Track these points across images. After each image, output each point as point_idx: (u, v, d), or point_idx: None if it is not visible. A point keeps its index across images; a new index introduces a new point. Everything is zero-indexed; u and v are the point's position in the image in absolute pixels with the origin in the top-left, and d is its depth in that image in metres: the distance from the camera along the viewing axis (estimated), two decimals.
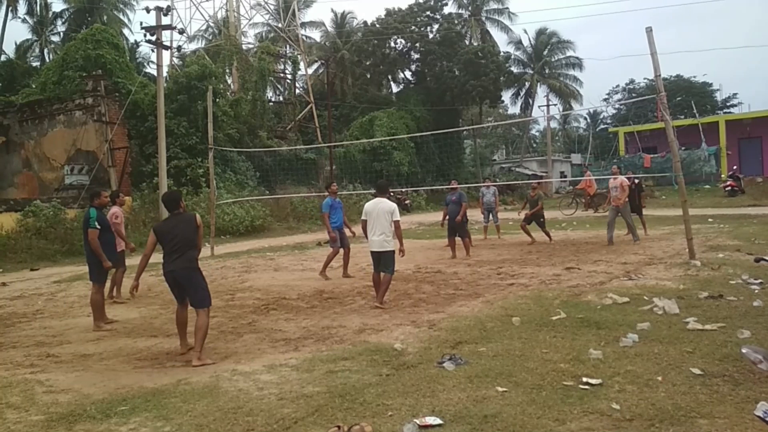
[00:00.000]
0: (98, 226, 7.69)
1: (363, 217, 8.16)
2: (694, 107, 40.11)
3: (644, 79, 55.02)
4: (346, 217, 11.32)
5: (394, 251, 8.04)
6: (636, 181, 15.78)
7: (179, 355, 6.06)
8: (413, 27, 40.70)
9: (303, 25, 43.59)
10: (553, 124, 63.62)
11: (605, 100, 60.83)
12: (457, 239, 13.03)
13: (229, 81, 33.86)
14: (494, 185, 17.68)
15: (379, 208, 7.98)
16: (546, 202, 25.72)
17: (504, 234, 16.82)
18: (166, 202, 6.33)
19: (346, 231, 11.10)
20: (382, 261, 8.03)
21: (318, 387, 4.67)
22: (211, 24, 40.28)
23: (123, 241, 9.14)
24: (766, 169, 34.68)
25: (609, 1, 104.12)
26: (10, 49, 40.87)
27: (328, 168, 31.05)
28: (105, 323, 7.60)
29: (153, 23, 20.93)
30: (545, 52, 49.32)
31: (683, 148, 32.02)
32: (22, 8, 39.73)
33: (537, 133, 70.26)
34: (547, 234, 15.10)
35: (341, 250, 10.92)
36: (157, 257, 6.14)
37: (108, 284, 8.76)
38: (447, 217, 13.33)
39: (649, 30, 10.03)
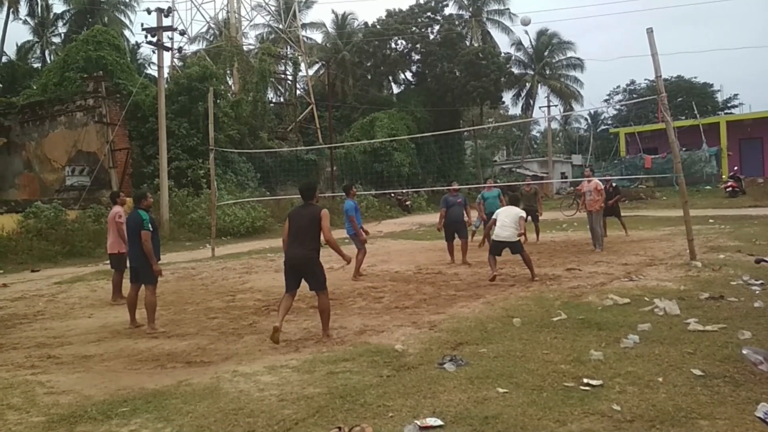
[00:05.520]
0: (151, 229, 7.53)
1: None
2: (695, 108, 40.08)
3: (645, 79, 55.09)
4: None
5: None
6: (614, 184, 16.21)
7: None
8: (414, 28, 40.68)
9: (304, 26, 43.62)
10: (554, 125, 63.71)
11: (606, 100, 60.90)
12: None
13: (230, 82, 33.88)
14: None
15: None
16: (547, 203, 25.65)
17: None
18: (303, 191, 6.64)
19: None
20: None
21: (319, 388, 4.68)
22: (212, 25, 40.28)
23: (125, 243, 9.07)
24: (767, 169, 34.63)
25: (610, 2, 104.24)
26: (11, 51, 41.02)
27: (329, 169, 31.05)
28: (136, 326, 7.55)
29: (154, 24, 20.96)
30: (546, 53, 49.29)
31: (684, 149, 31.95)
32: (23, 10, 39.89)
33: (538, 134, 70.26)
34: (538, 231, 15.49)
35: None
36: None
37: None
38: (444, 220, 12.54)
39: (650, 31, 10.03)
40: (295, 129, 34.62)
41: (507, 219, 9.72)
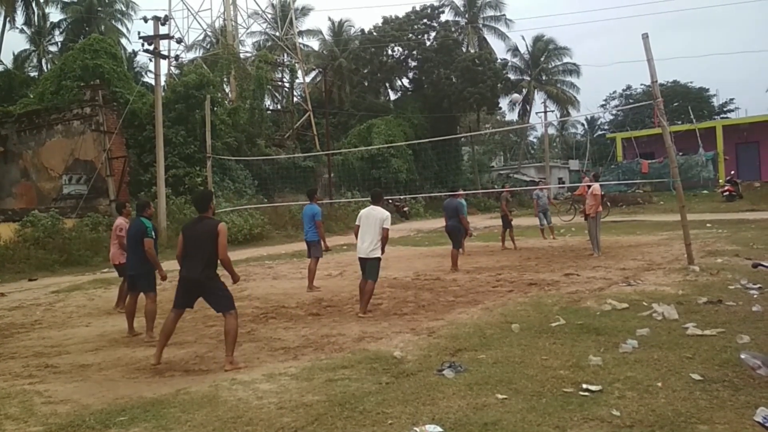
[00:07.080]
0: (154, 236, 7.60)
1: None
2: (691, 113, 40.18)
3: (641, 84, 55.28)
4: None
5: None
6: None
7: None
8: (410, 35, 40.82)
9: (300, 33, 43.76)
10: (551, 131, 63.88)
11: (602, 106, 61.02)
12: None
13: (227, 90, 33.92)
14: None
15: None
16: None
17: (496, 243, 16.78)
18: (197, 203, 6.11)
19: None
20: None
21: (317, 396, 4.66)
22: (209, 33, 40.40)
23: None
24: (763, 173, 34.72)
25: (605, 8, 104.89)
26: (8, 60, 40.99)
27: (327, 176, 31.08)
28: (134, 335, 7.55)
29: (151, 33, 20.98)
30: (542, 59, 49.54)
31: (681, 154, 32.06)
32: (20, 18, 39.81)
33: (535, 140, 70.50)
34: (513, 240, 15.79)
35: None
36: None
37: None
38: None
39: (645, 36, 10.08)
40: (292, 136, 34.63)
41: (368, 228, 8.05)
